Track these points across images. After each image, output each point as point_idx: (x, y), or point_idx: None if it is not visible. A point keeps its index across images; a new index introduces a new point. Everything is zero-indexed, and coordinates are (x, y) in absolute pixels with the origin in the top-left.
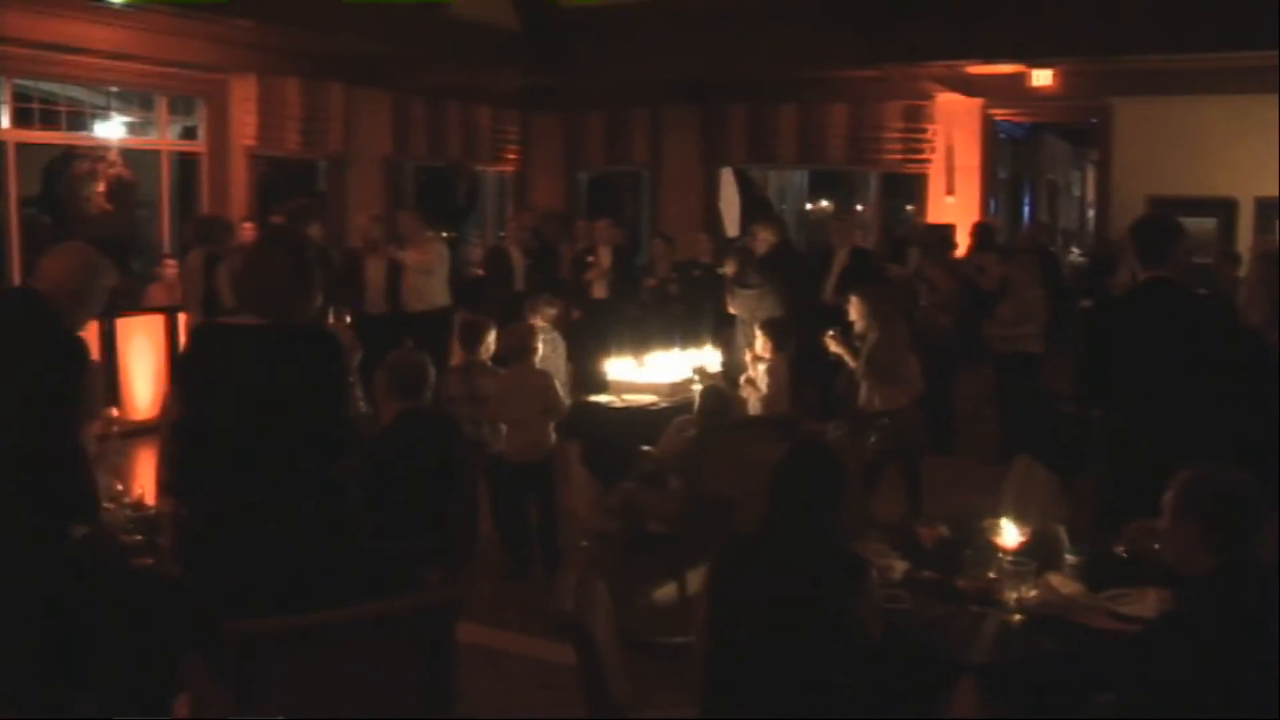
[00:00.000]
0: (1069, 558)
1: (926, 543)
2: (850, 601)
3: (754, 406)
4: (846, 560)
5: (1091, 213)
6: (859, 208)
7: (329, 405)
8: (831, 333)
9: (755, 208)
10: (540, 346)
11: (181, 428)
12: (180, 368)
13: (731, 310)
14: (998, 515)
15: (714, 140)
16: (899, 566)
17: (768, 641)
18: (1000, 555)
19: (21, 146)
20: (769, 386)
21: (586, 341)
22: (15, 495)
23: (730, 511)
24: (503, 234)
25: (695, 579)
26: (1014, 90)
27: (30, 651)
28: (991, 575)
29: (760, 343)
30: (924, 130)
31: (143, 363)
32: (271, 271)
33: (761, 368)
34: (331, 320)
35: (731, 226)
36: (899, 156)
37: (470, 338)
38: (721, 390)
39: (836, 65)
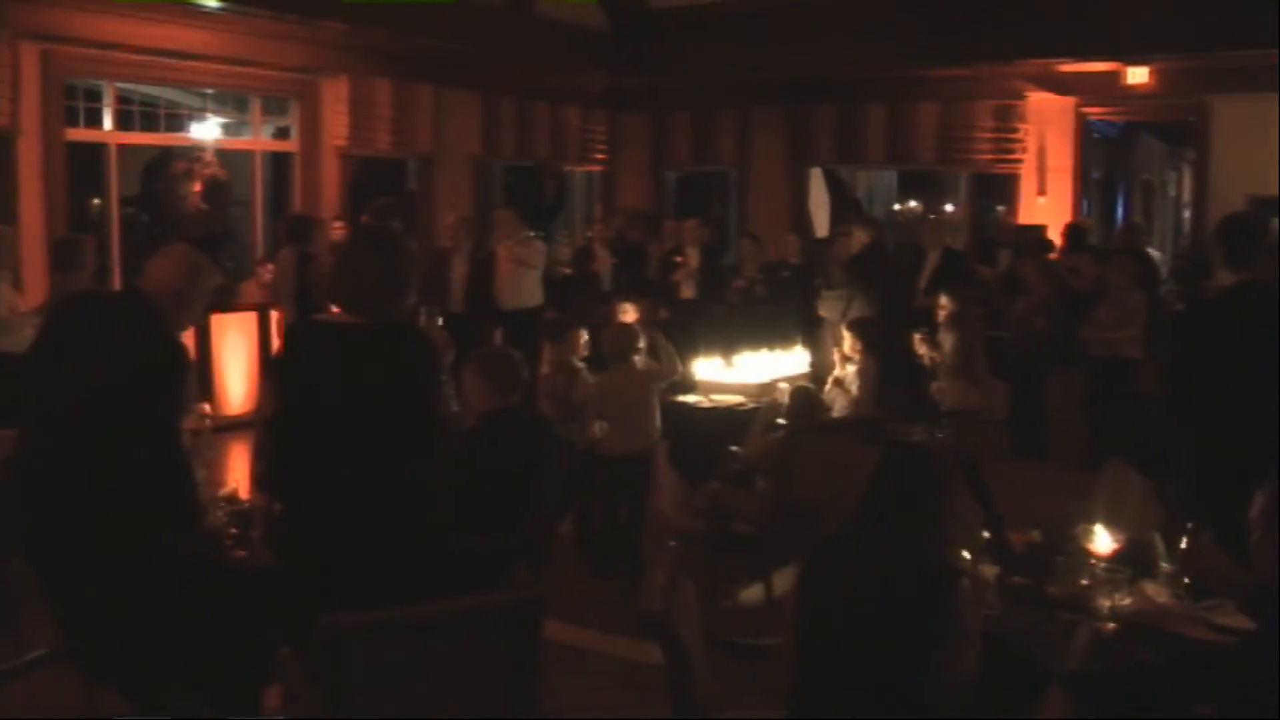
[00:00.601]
0: (1164, 565)
1: (1017, 548)
2: (940, 611)
3: (841, 408)
4: (940, 568)
5: (1187, 214)
6: (949, 208)
7: (421, 403)
8: (920, 334)
9: (846, 209)
10: (643, 346)
11: (275, 424)
12: (274, 364)
13: (821, 313)
14: (1090, 521)
15: (802, 140)
16: (989, 572)
17: (856, 646)
18: (1093, 562)
19: (123, 148)
20: (857, 388)
21: (674, 342)
22: (116, 500)
23: (817, 513)
24: (590, 234)
25: (781, 580)
26: (1108, 88)
27: (132, 646)
28: (1084, 582)
29: (848, 343)
30: (1015, 130)
31: (236, 359)
32: (365, 269)
33: (850, 369)
34: (423, 319)
35: (821, 227)
36: (990, 157)
37: (555, 337)
38: (810, 391)
39: (926, 64)
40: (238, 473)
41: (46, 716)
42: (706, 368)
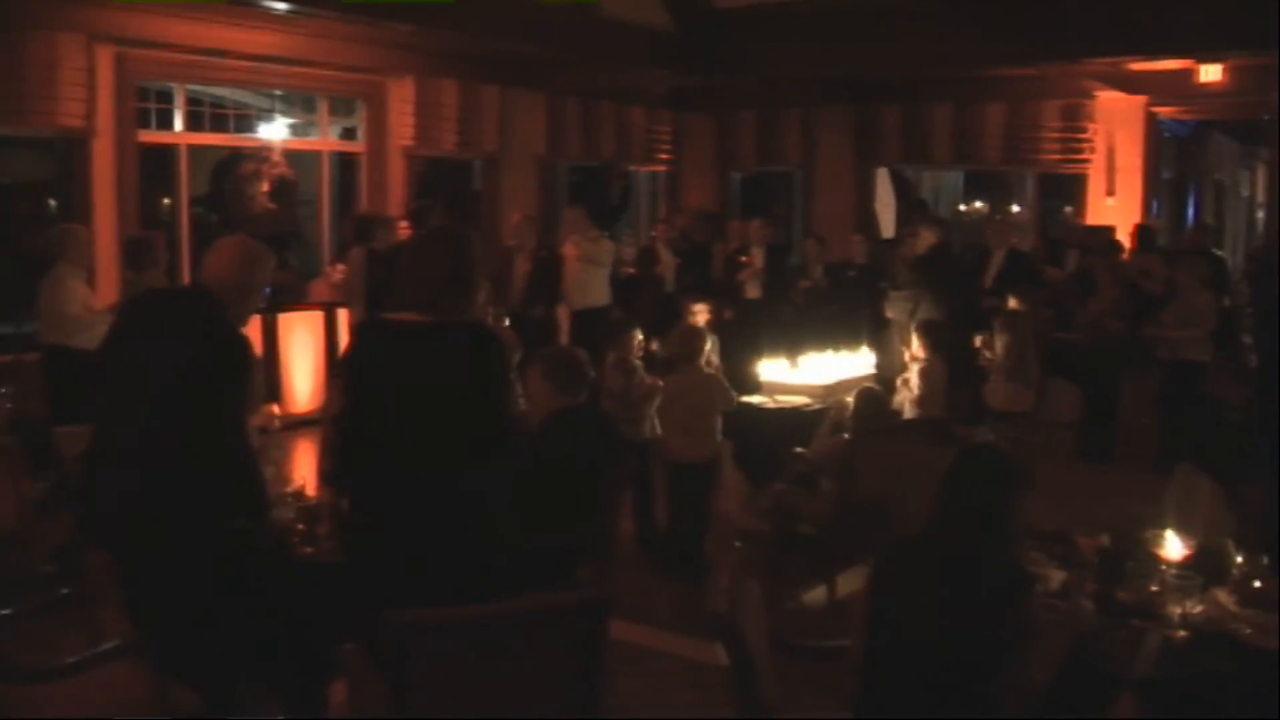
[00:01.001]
0: (1236, 573)
1: (1086, 553)
2: (1014, 616)
3: (908, 409)
4: (1014, 572)
5: (1261, 214)
6: (1015, 208)
7: (489, 401)
8: (982, 336)
9: (912, 209)
10: (708, 348)
11: (343, 421)
12: (343, 362)
13: (888, 314)
14: (1161, 526)
15: (867, 140)
16: (1056, 576)
17: (927, 649)
18: (1163, 568)
19: (193, 149)
20: (922, 389)
21: (739, 342)
22: (185, 494)
23: (882, 515)
24: (654, 234)
25: (846, 582)
26: (1180, 87)
27: (201, 639)
28: (1154, 588)
29: (916, 345)
30: (1084, 129)
31: (303, 357)
32: (433, 268)
33: (915, 370)
34: (490, 318)
35: (887, 228)
36: (1057, 157)
37: (615, 336)
38: (876, 393)
39: (993, 64)
40: (304, 470)
41: (118, 709)
42: (771, 369)
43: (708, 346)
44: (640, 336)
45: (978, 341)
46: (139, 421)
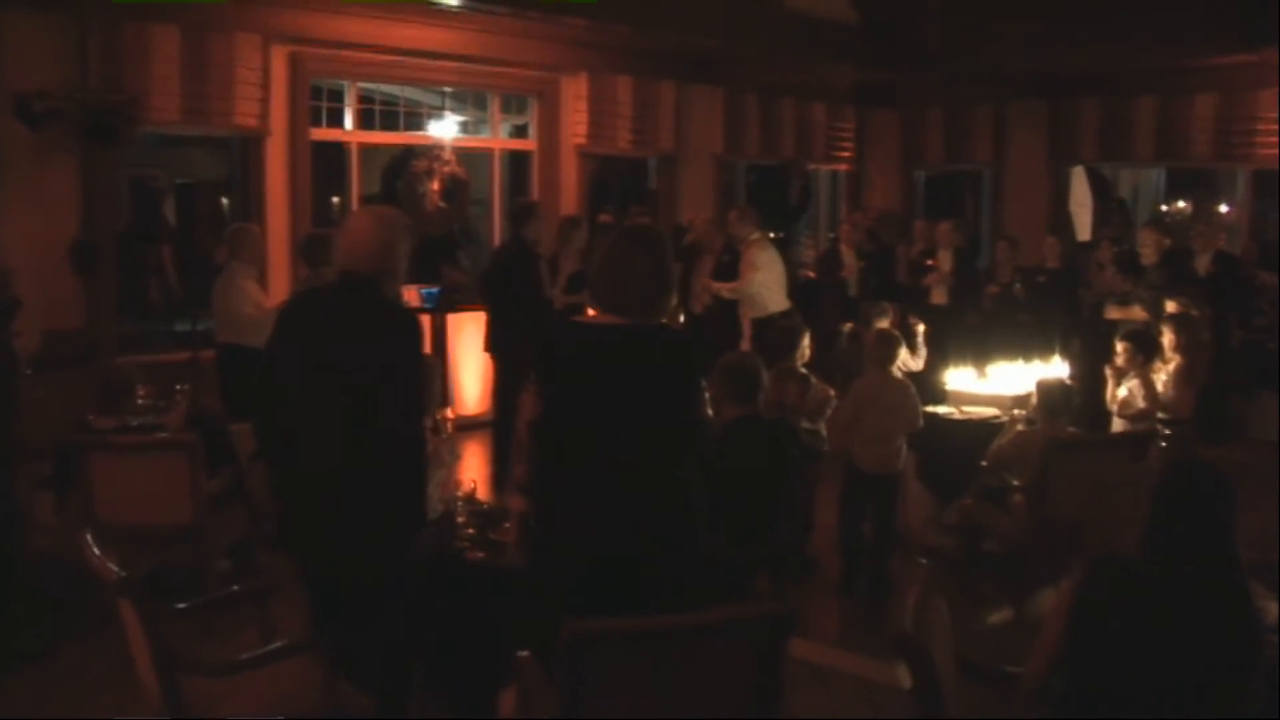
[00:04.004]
0: None
1: None
2: (1238, 642)
3: (1118, 425)
4: (1236, 594)
5: None
6: (1223, 208)
7: (685, 408)
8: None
9: (1110, 209)
10: (902, 354)
11: (539, 427)
12: (540, 366)
13: (1111, 315)
14: None
15: (1063, 136)
16: (1272, 609)
17: (1139, 675)
18: None
19: (364, 147)
20: (1145, 399)
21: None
22: (372, 497)
23: (1078, 534)
24: (835, 235)
25: (1037, 604)
26: None
27: (376, 641)
28: None
29: (1123, 356)
30: None
31: (471, 359)
32: (632, 269)
33: (1129, 383)
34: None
35: (1083, 229)
36: (1276, 151)
37: (782, 344)
38: (1061, 383)
39: (1205, 51)
40: (473, 474)
41: (289, 707)
42: (958, 378)
43: (902, 352)
44: (806, 341)
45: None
46: (325, 427)
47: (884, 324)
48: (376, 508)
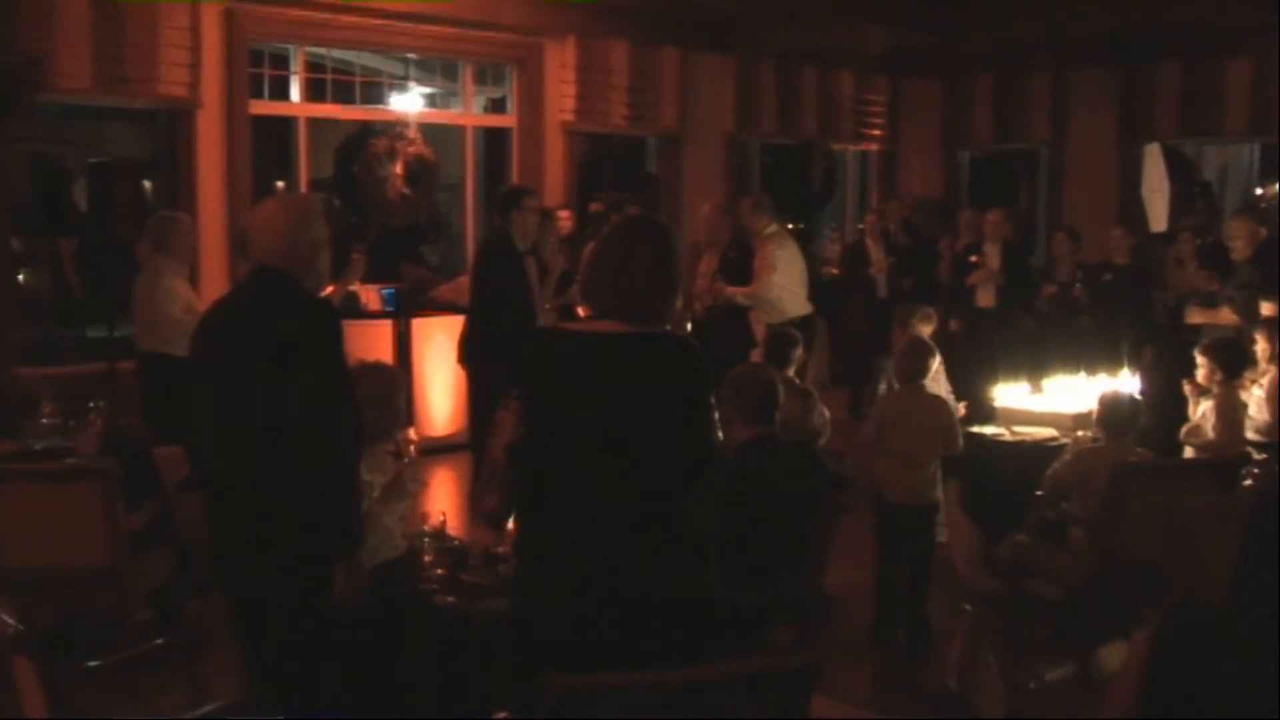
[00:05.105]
0: None
1: None
2: None
3: (1196, 449)
4: None
5: None
6: None
7: (692, 430)
8: None
9: (1192, 195)
10: (935, 364)
11: (520, 451)
12: (522, 380)
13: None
14: None
15: (1136, 109)
16: None
17: None
18: None
19: (314, 122)
20: (1215, 428)
21: (969, 360)
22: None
23: (1153, 578)
24: (863, 227)
25: (1104, 658)
26: None
27: (322, 697)
28: None
29: (1203, 371)
30: None
31: (440, 371)
32: (630, 267)
33: (1206, 402)
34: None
35: (1158, 219)
36: None
37: (777, 353)
38: (1129, 397)
39: None
40: (443, 505)
41: None
42: (1009, 393)
43: (935, 364)
44: (801, 350)
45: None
46: (242, 445)
47: (926, 330)
48: (295, 535)
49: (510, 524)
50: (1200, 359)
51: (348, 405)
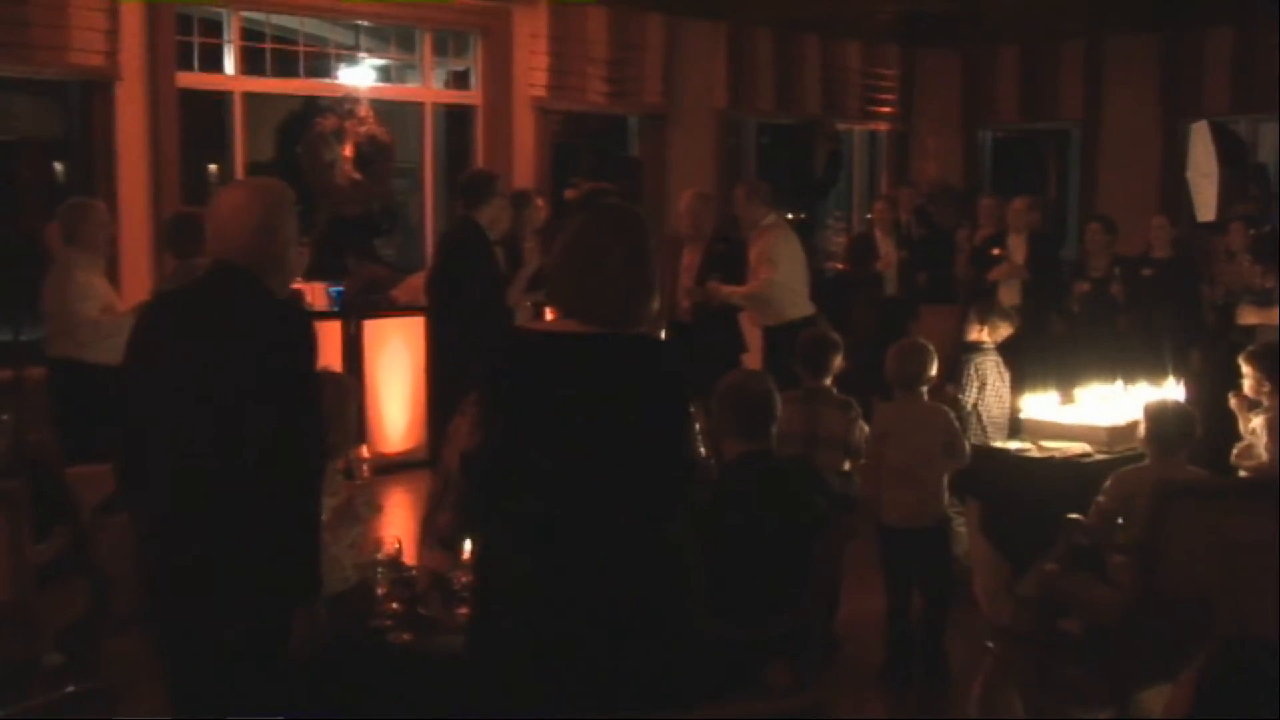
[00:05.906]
0: None
1: None
2: None
3: (1250, 469)
4: None
5: None
6: None
7: (672, 444)
8: None
9: (1245, 179)
10: (934, 371)
11: (478, 465)
12: (482, 389)
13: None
14: None
15: (1180, 82)
16: None
17: None
18: None
19: (251, 98)
20: (1268, 448)
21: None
22: (250, 558)
23: (1202, 611)
24: (871, 216)
25: (1146, 702)
26: None
27: None
28: None
29: (1249, 381)
30: None
31: (396, 379)
32: (602, 262)
33: (1256, 419)
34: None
35: (1206, 207)
36: None
37: (813, 359)
38: (1179, 407)
39: None
40: (399, 530)
41: None
42: (1036, 404)
43: (933, 368)
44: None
45: None
46: (193, 463)
47: (1005, 332)
48: (253, 576)
49: (466, 546)
50: (1245, 367)
51: (318, 430)
